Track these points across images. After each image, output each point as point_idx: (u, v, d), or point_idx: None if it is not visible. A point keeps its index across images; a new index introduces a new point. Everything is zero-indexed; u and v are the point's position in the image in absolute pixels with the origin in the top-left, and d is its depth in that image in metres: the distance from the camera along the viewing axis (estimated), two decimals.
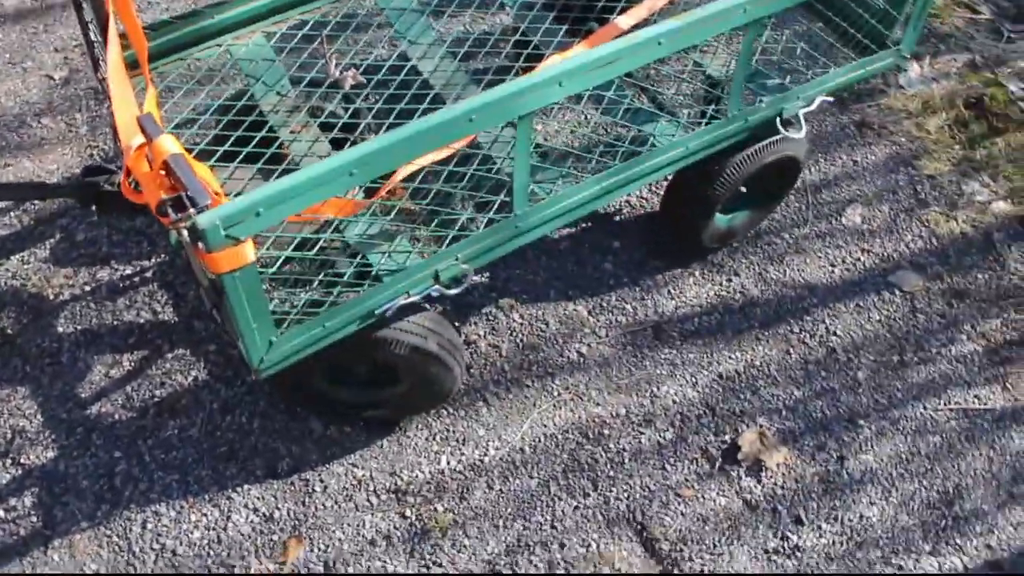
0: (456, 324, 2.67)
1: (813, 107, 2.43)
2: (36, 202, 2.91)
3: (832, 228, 2.95)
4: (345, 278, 2.03)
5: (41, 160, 3.05)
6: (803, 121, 2.41)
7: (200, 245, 1.62)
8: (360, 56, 2.49)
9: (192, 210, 1.61)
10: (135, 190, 1.87)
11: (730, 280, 2.80)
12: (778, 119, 2.37)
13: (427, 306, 2.18)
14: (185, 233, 1.63)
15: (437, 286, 2.05)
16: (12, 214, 2.90)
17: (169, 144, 1.70)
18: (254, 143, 2.32)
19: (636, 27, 2.65)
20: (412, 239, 2.15)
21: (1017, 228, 3.00)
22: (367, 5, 2.60)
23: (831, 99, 2.48)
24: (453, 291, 2.09)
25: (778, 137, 2.43)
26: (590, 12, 2.66)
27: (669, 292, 2.77)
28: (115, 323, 2.68)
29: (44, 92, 3.23)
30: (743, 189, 2.64)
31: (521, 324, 2.68)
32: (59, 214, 2.90)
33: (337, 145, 2.37)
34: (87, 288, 2.75)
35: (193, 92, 2.48)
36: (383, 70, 2.45)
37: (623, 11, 2.66)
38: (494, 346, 2.64)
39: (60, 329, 2.66)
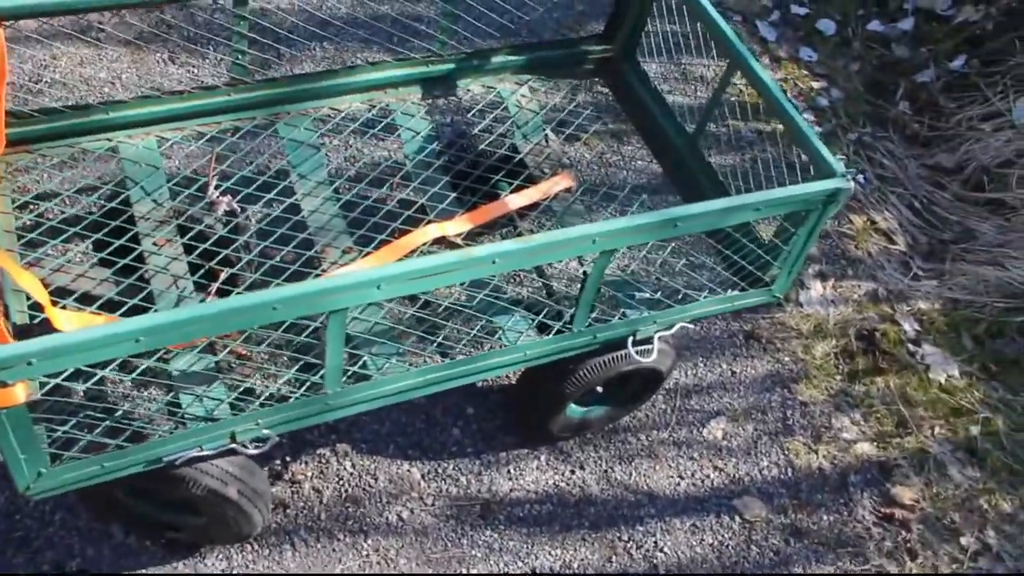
0: (286, 458, 2.63)
1: (671, 332, 2.43)
2: None
3: (691, 438, 2.94)
4: (150, 412, 2.00)
5: None
6: (656, 345, 2.41)
7: None
8: (245, 179, 2.48)
9: None
10: None
11: (573, 472, 2.78)
12: (631, 338, 2.37)
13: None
14: None
15: (233, 444, 2.02)
16: None
17: None
18: (112, 248, 2.32)
19: (526, 208, 2.67)
20: (229, 387, 2.12)
21: (874, 474, 2.99)
22: (269, 131, 2.61)
23: (692, 325, 2.48)
24: (252, 451, 2.06)
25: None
26: (483, 184, 2.67)
27: (509, 472, 2.74)
28: None
29: None
30: (599, 389, 2.64)
31: (351, 474, 2.65)
32: None
33: (194, 268, 2.36)
34: None
35: (71, 178, 2.47)
36: (262, 201, 2.45)
37: (517, 189, 2.68)
38: (317, 490, 2.60)
39: None
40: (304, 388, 2.05)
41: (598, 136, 3.49)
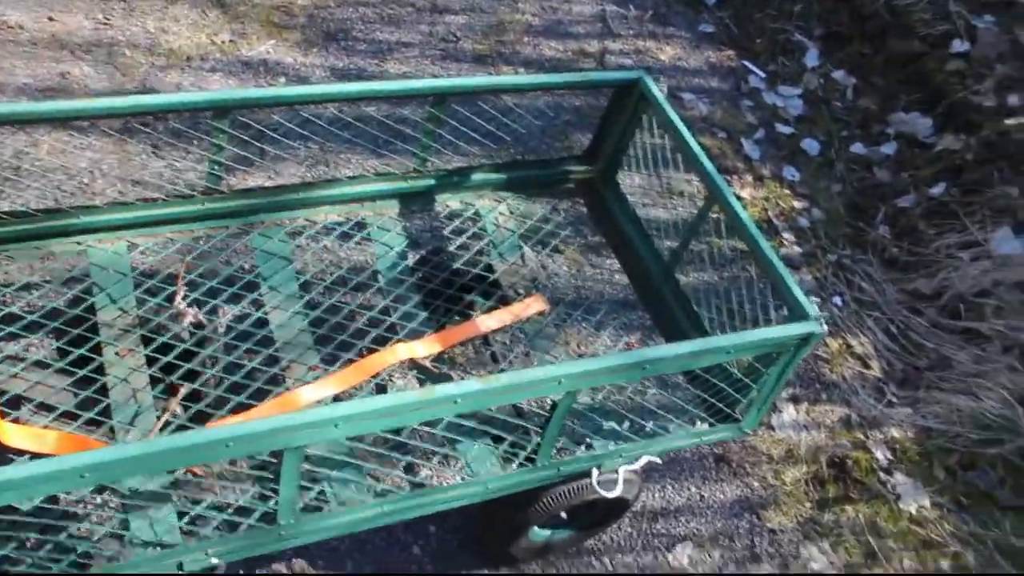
0: (240, 572, 2.56)
1: (636, 466, 2.39)
2: None
3: (656, 564, 2.88)
4: (93, 544, 1.95)
5: None
6: (622, 477, 2.37)
7: None
8: (215, 290, 2.46)
9: None
10: None
11: None
12: (595, 472, 2.33)
13: None
14: None
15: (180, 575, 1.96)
16: None
17: None
18: (73, 356, 2.28)
19: (497, 330, 2.65)
20: (180, 512, 2.06)
21: None
22: (241, 240, 2.59)
23: (659, 460, 2.45)
24: None
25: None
26: (456, 302, 2.65)
27: None
28: None
29: None
30: (563, 515, 2.59)
31: None
32: None
33: (155, 380, 2.32)
34: None
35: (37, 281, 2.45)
36: (230, 313, 2.43)
37: (490, 310, 2.66)
38: None
39: None
40: (256, 517, 2.00)
41: (579, 249, 3.49)
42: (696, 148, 2.52)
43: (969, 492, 3.29)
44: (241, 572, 2.55)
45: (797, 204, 3.95)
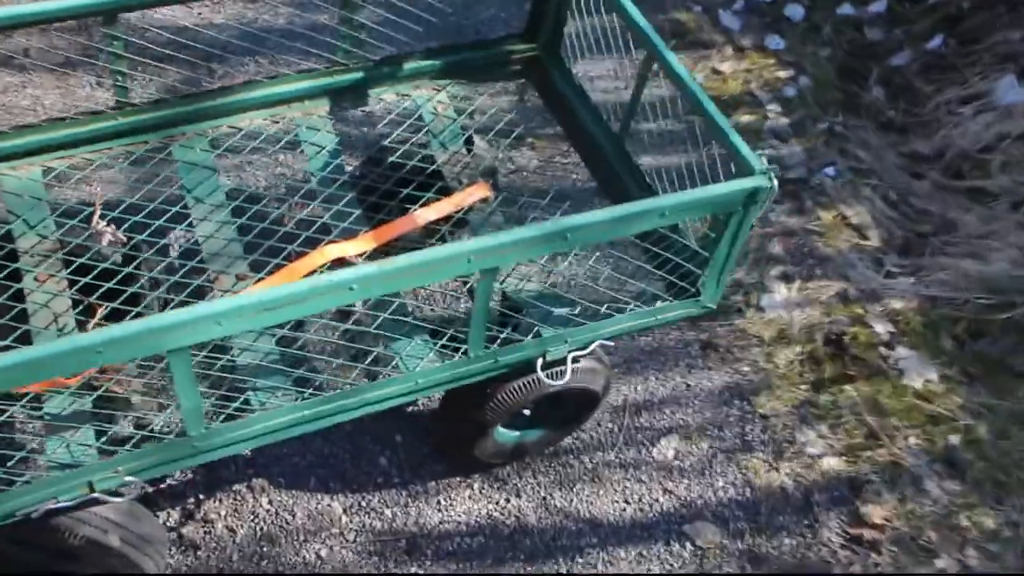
0: (199, 496, 2.49)
1: (587, 352, 2.25)
2: None
3: (640, 459, 2.75)
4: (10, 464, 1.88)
5: None
6: (571, 367, 2.23)
7: None
8: (136, 207, 2.35)
9: None
10: None
11: (509, 500, 2.61)
12: (540, 360, 2.19)
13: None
14: None
15: (94, 494, 1.88)
16: None
17: None
18: None
19: (439, 222, 2.51)
20: (98, 432, 1.98)
21: (843, 492, 2.77)
22: (161, 154, 2.46)
23: (612, 343, 2.30)
24: (118, 499, 1.93)
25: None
26: (391, 199, 2.51)
27: (439, 503, 2.58)
28: None
29: None
30: (527, 412, 2.47)
31: (267, 511, 2.50)
32: None
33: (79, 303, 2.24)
34: None
35: None
36: (153, 228, 2.32)
37: (427, 203, 2.52)
38: (231, 529, 2.46)
39: None
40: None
41: (530, 133, 3.31)
42: (630, 7, 2.32)
43: (979, 361, 3.08)
44: (200, 496, 2.49)
45: (782, 74, 3.70)
